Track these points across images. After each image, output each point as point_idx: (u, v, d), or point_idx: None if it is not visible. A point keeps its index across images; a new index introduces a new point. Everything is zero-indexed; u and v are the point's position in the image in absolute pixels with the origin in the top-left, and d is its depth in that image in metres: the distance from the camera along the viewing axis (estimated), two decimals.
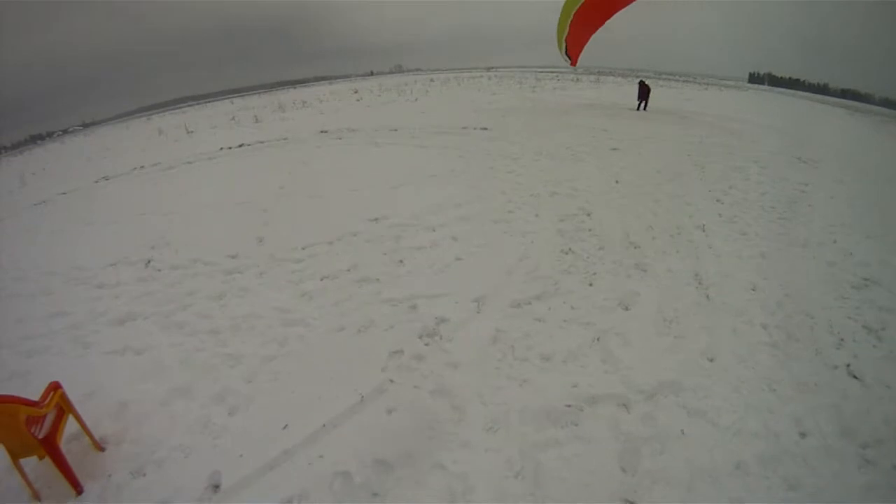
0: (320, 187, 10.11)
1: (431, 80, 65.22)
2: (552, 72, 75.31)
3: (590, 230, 6.61)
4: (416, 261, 6.12)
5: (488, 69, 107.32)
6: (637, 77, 25.59)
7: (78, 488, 3.69)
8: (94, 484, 3.72)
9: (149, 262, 7.81)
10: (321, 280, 6.02)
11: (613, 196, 8.01)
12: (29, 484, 3.77)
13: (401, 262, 6.13)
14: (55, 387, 3.94)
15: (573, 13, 17.73)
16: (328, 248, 6.87)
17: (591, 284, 5.17)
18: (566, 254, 5.91)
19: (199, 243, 8.03)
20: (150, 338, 5.54)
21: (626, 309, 4.69)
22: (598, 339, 4.26)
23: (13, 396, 3.55)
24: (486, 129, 15.82)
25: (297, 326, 5.19)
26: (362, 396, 3.95)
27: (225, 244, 7.69)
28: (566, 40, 19.53)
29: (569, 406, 3.62)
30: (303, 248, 7.00)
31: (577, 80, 48.84)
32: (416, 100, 31.07)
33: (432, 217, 7.47)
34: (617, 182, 8.71)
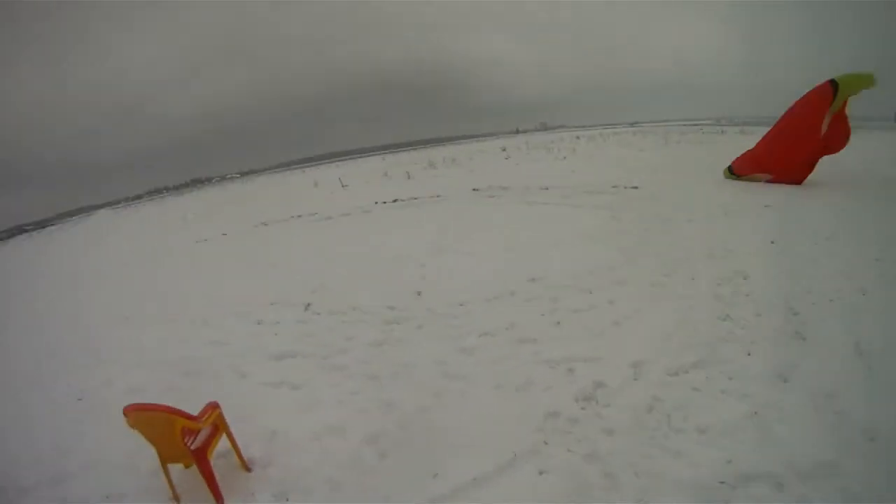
0: (476, 245, 10.53)
1: (577, 137, 65.53)
2: (695, 125, 73.19)
3: (747, 295, 6.44)
4: (573, 323, 6.18)
5: (632, 124, 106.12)
6: None
7: (220, 501, 4.01)
8: (235, 500, 4.05)
9: (308, 305, 8.43)
10: (480, 336, 6.19)
11: (770, 258, 7.77)
12: (172, 487, 4.19)
13: (558, 323, 6.22)
14: (214, 406, 4.40)
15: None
16: (486, 306, 7.09)
17: (749, 354, 5.05)
18: (723, 320, 5.80)
19: (357, 292, 8.55)
20: (308, 375, 5.93)
21: (785, 381, 4.56)
22: (755, 413, 4.16)
23: (174, 408, 3.97)
24: (636, 187, 15.77)
25: (455, 380, 5.30)
26: (515, 454, 4.03)
27: (383, 295, 8.14)
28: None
29: (722, 483, 3.55)
30: (460, 305, 7.27)
31: (723, 132, 47.23)
32: (565, 158, 31.40)
33: (589, 279, 7.56)
34: (773, 243, 8.44)
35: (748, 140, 29.02)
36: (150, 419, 3.99)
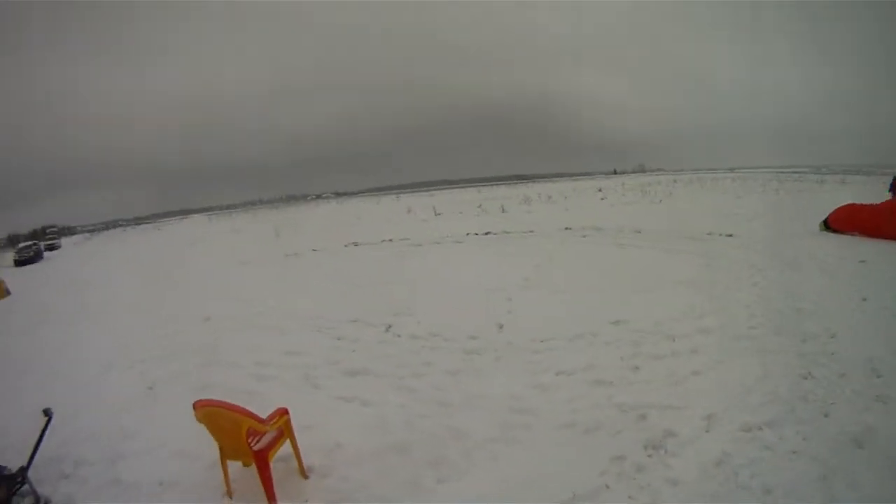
0: (563, 283, 10.65)
1: (674, 180, 64.56)
2: (794, 172, 70.66)
3: (832, 353, 6.22)
4: (652, 369, 6.15)
5: (731, 170, 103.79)
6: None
7: (273, 503, 4.15)
8: (289, 503, 4.23)
9: (389, 327, 8.68)
10: (556, 375, 6.25)
11: (860, 316, 7.47)
12: (228, 483, 4.42)
13: (637, 368, 6.21)
14: (283, 412, 4.62)
15: None
16: (567, 345, 7.15)
17: (826, 415, 4.92)
18: (805, 378, 5.64)
19: (440, 319, 8.74)
20: (380, 395, 6.11)
21: (860, 447, 4.41)
22: (824, 477, 4.05)
23: (243, 408, 4.23)
24: (731, 235, 15.42)
25: (525, 415, 5.34)
26: (574, 495, 4.06)
27: (466, 325, 8.30)
28: None
29: None
30: (542, 341, 7.34)
31: (822, 181, 45.54)
32: (661, 201, 31.07)
33: (673, 325, 7.50)
34: (864, 300, 8.11)
35: (848, 191, 27.88)
36: (218, 416, 4.25)
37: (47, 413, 4.76)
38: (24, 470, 4.53)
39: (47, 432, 4.77)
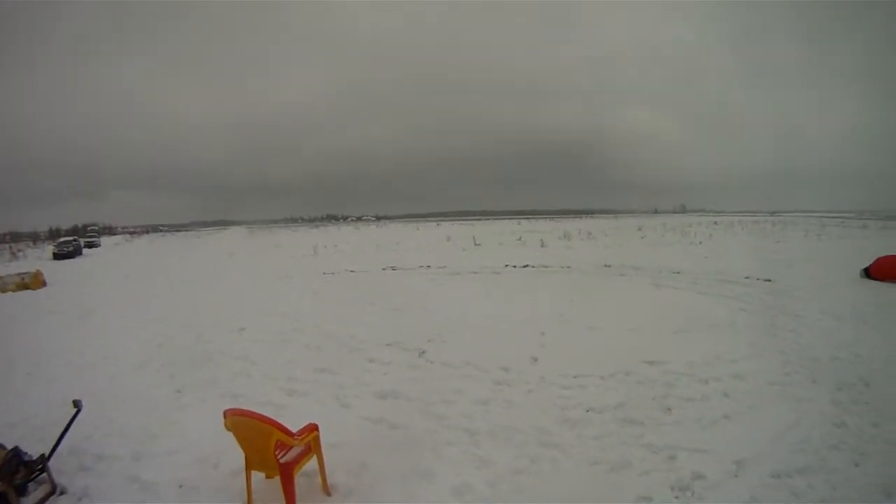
0: (600, 320, 10.61)
1: (715, 222, 64.21)
2: (836, 217, 69.76)
3: (866, 403, 6.18)
4: (684, 411, 6.13)
5: (772, 213, 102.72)
6: None
7: None
8: None
9: (423, 352, 8.74)
10: (587, 411, 6.26)
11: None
12: (249, 492, 4.44)
13: (669, 409, 6.19)
14: (313, 428, 4.67)
15: None
16: (599, 382, 7.15)
17: (857, 465, 4.87)
18: (838, 427, 5.59)
19: (474, 349, 8.76)
20: (408, 418, 6.14)
21: (890, 497, 4.38)
22: None
23: (273, 420, 4.28)
24: (769, 280, 15.31)
25: (553, 449, 5.35)
26: None
27: (499, 356, 8.30)
28: None
29: None
30: (574, 377, 7.35)
31: (865, 226, 44.81)
32: (700, 243, 31.00)
33: (707, 369, 7.47)
34: None
35: (891, 237, 27.46)
36: (248, 425, 4.30)
37: (77, 404, 4.88)
38: (44, 458, 4.66)
39: (74, 424, 4.92)
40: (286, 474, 4.22)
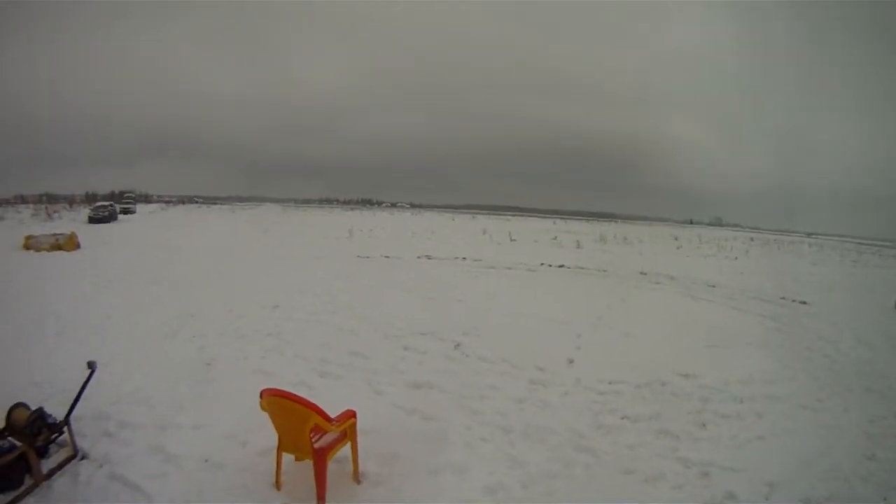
0: (635, 327, 10.64)
1: (751, 238, 63.63)
2: (874, 244, 68.11)
3: None
4: (718, 428, 6.14)
5: (808, 234, 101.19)
6: None
7: (322, 502, 4.15)
8: None
9: (458, 345, 8.75)
10: (622, 418, 6.29)
11: None
12: (279, 474, 4.43)
13: (703, 425, 6.21)
14: (351, 415, 4.64)
15: None
16: (634, 390, 7.19)
17: (885, 499, 4.88)
18: (868, 459, 5.59)
19: (509, 345, 8.77)
20: (442, 410, 6.14)
21: None
22: None
23: (312, 403, 4.19)
24: (804, 302, 15.19)
25: (587, 454, 5.35)
26: None
27: (536, 355, 8.30)
28: None
29: None
30: (609, 383, 7.38)
31: None
32: (736, 258, 30.69)
33: (742, 387, 7.47)
34: None
35: None
36: (286, 407, 4.23)
37: (91, 366, 4.93)
38: (65, 420, 4.74)
39: (89, 385, 4.95)
40: (320, 460, 4.19)
